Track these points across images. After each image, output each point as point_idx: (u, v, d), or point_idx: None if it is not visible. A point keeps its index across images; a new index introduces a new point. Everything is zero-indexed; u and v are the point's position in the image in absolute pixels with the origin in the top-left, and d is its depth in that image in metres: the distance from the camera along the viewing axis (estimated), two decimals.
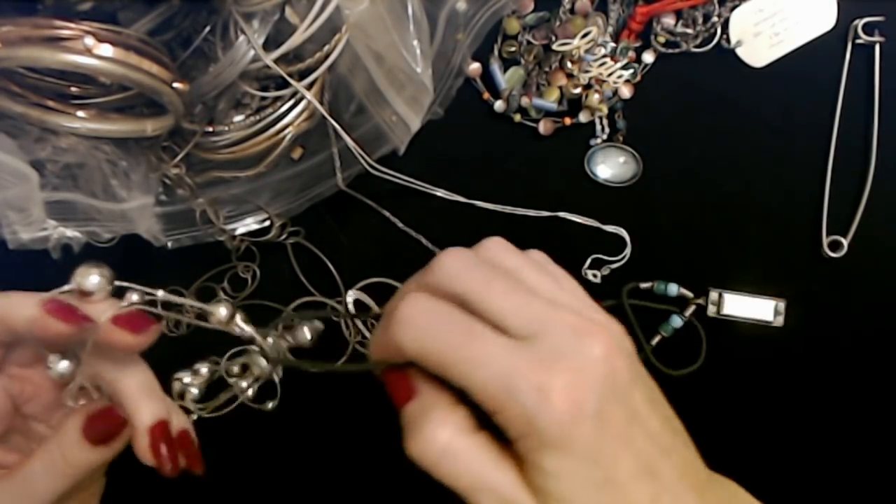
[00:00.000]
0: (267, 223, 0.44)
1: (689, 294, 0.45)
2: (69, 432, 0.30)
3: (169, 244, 0.42)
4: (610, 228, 0.46)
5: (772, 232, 0.46)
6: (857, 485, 0.44)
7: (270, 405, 0.40)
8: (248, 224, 0.44)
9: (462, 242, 0.45)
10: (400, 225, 0.46)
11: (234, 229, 0.44)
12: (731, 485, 0.33)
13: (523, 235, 0.46)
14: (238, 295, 0.46)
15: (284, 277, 0.46)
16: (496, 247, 0.32)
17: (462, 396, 0.29)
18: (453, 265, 0.30)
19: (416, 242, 0.46)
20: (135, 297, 0.30)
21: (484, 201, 0.45)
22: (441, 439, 0.29)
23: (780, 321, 0.44)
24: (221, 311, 0.31)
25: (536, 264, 0.32)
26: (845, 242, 0.45)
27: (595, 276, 0.46)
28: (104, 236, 0.40)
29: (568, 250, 0.46)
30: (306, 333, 0.37)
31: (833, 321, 0.45)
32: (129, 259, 0.43)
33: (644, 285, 0.45)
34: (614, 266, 0.46)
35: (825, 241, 0.45)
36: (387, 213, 0.46)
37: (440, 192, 0.45)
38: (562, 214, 0.45)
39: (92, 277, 0.29)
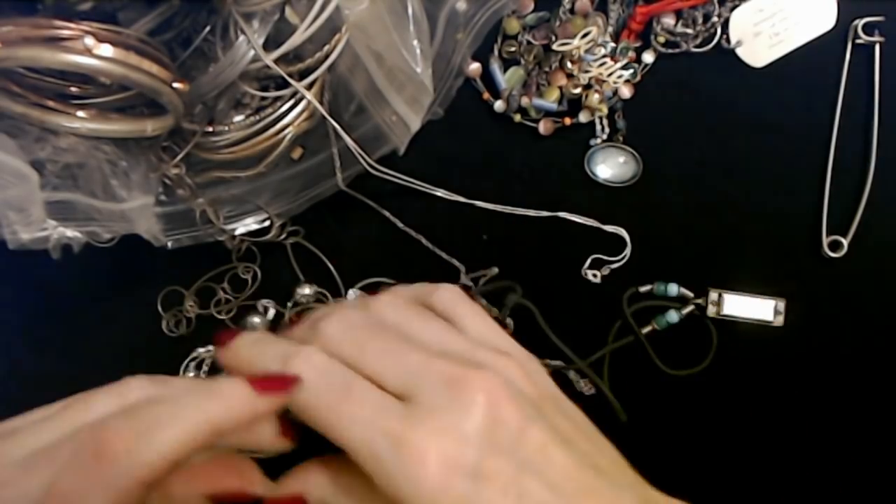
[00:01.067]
0: (267, 223, 0.44)
1: (690, 294, 0.45)
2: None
3: (169, 244, 0.42)
4: (610, 228, 0.46)
5: (772, 232, 0.46)
6: (858, 485, 0.44)
7: None
8: (248, 224, 0.44)
9: (462, 242, 0.46)
10: (400, 225, 0.46)
11: (234, 229, 0.44)
12: None
13: (523, 235, 0.46)
14: (239, 295, 0.46)
15: (284, 278, 0.46)
16: (382, 300, 0.31)
17: None
18: (331, 330, 0.29)
19: (416, 242, 0.46)
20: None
21: (484, 201, 0.45)
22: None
23: (780, 321, 0.44)
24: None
25: (424, 313, 0.31)
26: (845, 242, 0.45)
27: (595, 276, 0.46)
28: (104, 236, 0.40)
29: (568, 250, 0.46)
30: None
31: (833, 321, 0.45)
32: (129, 259, 0.44)
33: (643, 289, 0.45)
34: (614, 266, 0.46)
35: (825, 241, 0.45)
36: (387, 213, 0.46)
37: (440, 192, 0.45)
38: (562, 214, 0.45)
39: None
